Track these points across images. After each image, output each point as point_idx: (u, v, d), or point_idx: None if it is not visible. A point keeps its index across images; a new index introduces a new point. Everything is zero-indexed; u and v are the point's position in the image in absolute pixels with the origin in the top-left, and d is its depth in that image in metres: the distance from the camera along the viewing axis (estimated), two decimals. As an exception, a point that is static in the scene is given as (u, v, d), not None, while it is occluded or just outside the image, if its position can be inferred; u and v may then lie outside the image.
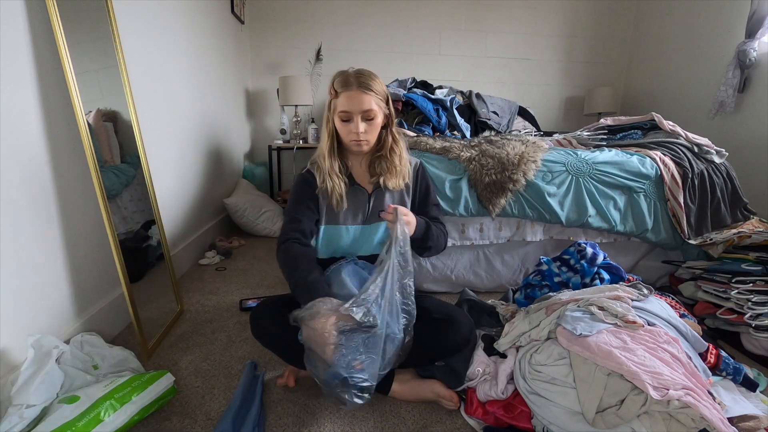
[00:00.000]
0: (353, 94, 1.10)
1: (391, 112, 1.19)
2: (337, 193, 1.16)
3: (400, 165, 1.21)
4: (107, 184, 1.27)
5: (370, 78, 1.12)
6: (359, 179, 1.23)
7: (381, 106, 1.14)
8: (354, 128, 1.12)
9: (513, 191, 1.69)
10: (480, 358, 1.15)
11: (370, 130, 1.14)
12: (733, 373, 1.14)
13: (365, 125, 1.12)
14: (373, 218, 1.22)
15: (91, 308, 1.35)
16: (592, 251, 1.40)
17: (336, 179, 1.16)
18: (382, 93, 1.15)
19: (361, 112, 1.11)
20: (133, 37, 1.59)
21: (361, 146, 1.15)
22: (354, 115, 1.11)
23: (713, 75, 2.84)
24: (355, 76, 1.11)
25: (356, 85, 1.10)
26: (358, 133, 1.12)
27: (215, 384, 1.20)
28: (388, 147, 1.20)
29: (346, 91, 1.10)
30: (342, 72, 1.14)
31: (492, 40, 3.62)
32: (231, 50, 2.93)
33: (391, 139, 1.20)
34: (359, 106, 1.10)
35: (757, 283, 1.39)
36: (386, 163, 1.20)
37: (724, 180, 1.86)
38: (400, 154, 1.21)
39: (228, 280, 2.00)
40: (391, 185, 1.20)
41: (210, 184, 2.52)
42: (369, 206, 1.22)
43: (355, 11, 3.42)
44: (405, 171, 1.23)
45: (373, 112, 1.12)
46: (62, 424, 0.89)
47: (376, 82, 1.13)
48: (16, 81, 1.06)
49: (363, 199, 1.22)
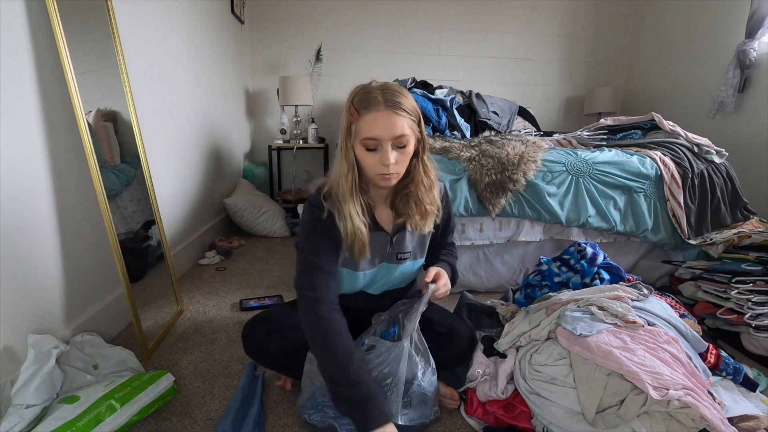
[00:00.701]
0: (382, 116, 0.87)
1: (423, 136, 0.96)
2: (360, 241, 0.95)
3: (431, 203, 1.00)
4: (107, 184, 1.27)
5: (400, 94, 0.90)
6: (381, 219, 1.03)
7: (414, 130, 0.92)
8: (384, 159, 0.89)
9: (513, 191, 1.69)
10: (480, 359, 1.15)
11: (402, 161, 0.92)
12: (733, 373, 1.14)
13: (396, 154, 0.90)
14: (390, 260, 1.06)
15: (91, 308, 1.35)
16: (592, 251, 1.40)
17: (359, 224, 0.94)
18: (415, 112, 0.92)
19: (392, 138, 0.88)
20: (133, 37, 1.59)
21: (390, 181, 0.93)
22: (384, 142, 0.88)
23: (713, 75, 2.83)
24: (381, 93, 0.88)
25: (384, 104, 0.87)
26: (389, 165, 0.89)
27: (215, 384, 1.20)
28: (418, 180, 0.98)
29: (372, 111, 0.87)
30: (363, 87, 0.92)
31: (492, 40, 3.62)
32: (231, 50, 2.93)
33: (422, 170, 0.98)
34: (391, 131, 0.88)
35: (757, 283, 1.39)
36: (415, 201, 0.99)
37: (724, 180, 1.86)
38: (430, 188, 1.00)
39: (228, 280, 2.00)
40: (418, 229, 1.02)
41: (210, 184, 2.52)
42: (389, 249, 1.05)
43: (355, 11, 3.42)
44: (435, 209, 1.02)
45: (406, 138, 0.89)
46: (62, 424, 0.89)
47: (408, 100, 0.91)
48: (16, 81, 1.06)
49: (383, 242, 1.03)
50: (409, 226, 1.03)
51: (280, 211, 2.92)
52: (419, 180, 0.98)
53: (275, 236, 2.80)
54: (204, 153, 2.42)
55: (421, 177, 0.98)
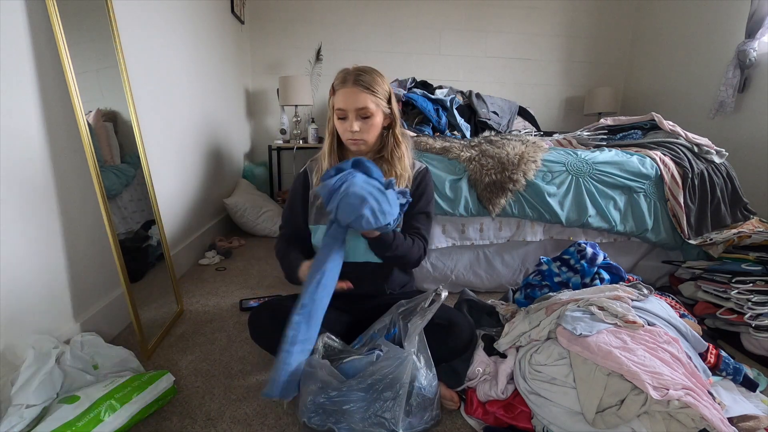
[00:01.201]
0: (348, 91, 1.08)
1: (393, 113, 1.16)
2: None
3: (401, 169, 1.17)
4: (107, 184, 1.27)
5: (369, 75, 1.10)
6: None
7: (380, 105, 1.11)
8: (349, 126, 1.10)
9: (513, 191, 1.69)
10: (480, 358, 1.15)
11: (366, 129, 1.11)
12: (733, 373, 1.14)
13: (360, 123, 1.10)
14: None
15: (91, 308, 1.35)
16: (592, 251, 1.40)
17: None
18: (383, 92, 1.12)
19: (355, 109, 1.09)
20: (133, 37, 1.59)
21: (357, 145, 1.13)
22: (348, 112, 1.09)
23: (713, 75, 2.83)
24: (354, 73, 1.09)
25: (353, 82, 1.08)
26: (352, 131, 1.10)
27: (215, 384, 1.20)
28: (389, 149, 1.17)
29: (343, 88, 1.09)
30: (344, 69, 1.12)
31: (492, 40, 3.62)
32: (231, 50, 2.93)
33: (393, 141, 1.17)
34: (354, 103, 1.08)
35: (757, 283, 1.39)
36: (387, 165, 1.16)
37: (724, 180, 1.86)
38: (401, 157, 1.18)
39: (228, 280, 2.00)
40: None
41: (210, 184, 2.52)
42: None
43: (355, 11, 3.42)
44: (406, 175, 1.19)
45: (368, 110, 1.09)
46: (62, 424, 0.89)
47: (376, 80, 1.10)
48: (16, 81, 1.06)
49: None
50: None
51: (280, 211, 2.92)
52: (391, 149, 1.17)
53: (275, 236, 2.79)
54: (204, 153, 2.42)
55: (392, 147, 1.17)
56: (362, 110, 1.09)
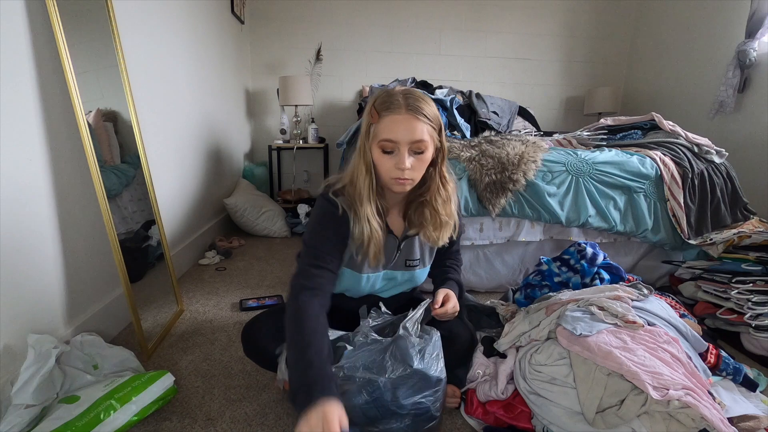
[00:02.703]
0: (402, 119, 0.87)
1: (443, 146, 0.95)
2: (375, 245, 0.94)
3: (446, 215, 0.98)
4: (107, 184, 1.27)
5: (422, 100, 0.90)
6: (392, 222, 1.02)
7: (434, 138, 0.92)
8: (400, 163, 0.88)
9: (513, 191, 1.69)
10: (479, 360, 1.15)
11: (418, 167, 0.91)
12: (733, 373, 1.14)
13: (413, 160, 0.90)
14: (398, 265, 1.06)
15: (91, 308, 1.35)
16: (592, 251, 1.40)
17: (376, 227, 0.93)
18: (436, 120, 0.92)
19: (410, 142, 0.88)
20: (133, 37, 1.59)
21: (404, 186, 0.92)
22: (401, 145, 0.88)
23: (713, 75, 2.83)
24: (404, 97, 0.90)
25: (406, 108, 0.88)
26: (404, 169, 0.88)
27: (215, 384, 1.20)
28: (434, 190, 0.97)
29: (393, 114, 0.88)
30: (387, 91, 0.93)
31: (492, 40, 3.62)
32: (231, 50, 2.93)
33: (439, 181, 0.97)
34: (409, 134, 0.87)
35: (757, 283, 1.39)
36: (429, 212, 0.98)
37: (724, 180, 1.86)
38: (447, 200, 0.98)
39: (228, 280, 2.00)
40: (431, 241, 1.00)
41: (210, 184, 2.52)
42: (396, 254, 1.04)
43: (355, 11, 3.42)
44: (451, 223, 1.01)
45: (424, 143, 0.89)
46: (62, 424, 0.89)
47: (430, 107, 0.91)
48: (16, 81, 1.06)
49: (391, 246, 1.03)
50: (422, 236, 1.01)
51: (280, 211, 2.92)
52: (435, 190, 0.97)
53: (275, 236, 2.80)
54: (204, 153, 2.42)
55: (437, 187, 0.97)
56: (418, 144, 0.89)
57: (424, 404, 0.92)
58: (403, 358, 0.91)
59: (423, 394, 0.92)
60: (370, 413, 0.90)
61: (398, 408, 0.90)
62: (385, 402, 0.89)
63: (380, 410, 0.90)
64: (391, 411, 0.90)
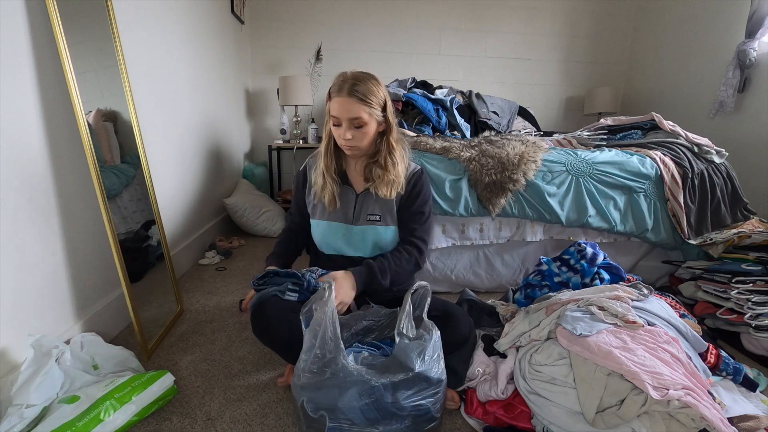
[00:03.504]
0: (342, 101, 1.09)
1: (388, 120, 1.17)
2: (329, 191, 1.19)
3: (394, 175, 1.19)
4: (107, 184, 1.27)
5: (365, 84, 1.10)
6: (353, 179, 1.25)
7: (374, 114, 1.13)
8: (342, 135, 1.13)
9: (513, 191, 1.69)
10: (480, 358, 1.15)
11: (359, 137, 1.13)
12: (733, 373, 1.14)
13: (353, 132, 1.12)
14: (361, 220, 1.21)
15: (91, 308, 1.35)
16: (592, 251, 1.40)
17: (329, 179, 1.19)
18: (378, 101, 1.12)
19: (348, 119, 1.10)
20: (133, 37, 1.59)
21: (351, 151, 1.17)
22: (342, 121, 1.11)
23: (713, 75, 2.83)
24: (350, 82, 1.09)
25: (347, 92, 1.09)
26: (346, 139, 1.12)
27: (215, 384, 1.20)
28: (382, 156, 1.19)
29: (338, 96, 1.10)
30: (341, 74, 1.13)
31: (492, 40, 3.62)
32: (231, 50, 2.93)
33: (386, 148, 1.19)
34: (347, 113, 1.10)
35: (757, 283, 1.39)
36: (379, 170, 1.19)
37: (724, 180, 1.86)
38: (395, 163, 1.19)
39: (228, 280, 2.00)
40: (381, 193, 1.19)
41: (210, 184, 2.52)
42: (355, 206, 1.22)
43: (355, 11, 3.42)
44: (399, 182, 1.20)
45: (361, 120, 1.10)
46: (62, 424, 0.89)
47: (371, 90, 1.11)
48: (16, 81, 1.06)
49: (351, 198, 1.23)
50: (371, 189, 1.20)
51: (280, 211, 2.92)
52: (384, 155, 1.18)
53: (275, 236, 2.79)
54: (204, 153, 2.42)
55: (385, 154, 1.18)
56: (355, 120, 1.11)
57: (425, 405, 0.92)
58: (404, 363, 0.90)
59: (423, 396, 0.92)
60: (370, 415, 0.89)
61: (398, 410, 0.90)
62: (385, 404, 0.89)
63: (380, 412, 0.90)
64: (391, 413, 0.90)
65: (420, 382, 0.91)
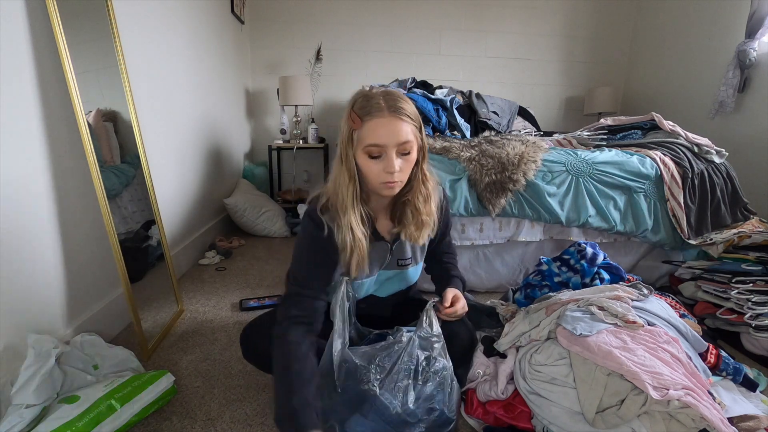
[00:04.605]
0: (388, 123, 0.85)
1: (424, 143, 0.94)
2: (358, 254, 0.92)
3: (426, 214, 0.97)
4: (107, 184, 1.27)
5: (402, 99, 0.88)
6: (381, 229, 1.01)
7: (417, 137, 0.90)
8: (388, 167, 0.86)
9: (513, 191, 1.69)
10: (480, 359, 1.15)
11: (406, 168, 0.90)
12: (733, 373, 1.14)
13: (401, 162, 0.88)
14: (390, 266, 1.06)
15: (91, 308, 1.35)
16: (592, 251, 1.40)
17: (360, 236, 0.91)
18: (417, 119, 0.90)
19: (397, 145, 0.86)
20: (133, 37, 1.59)
21: (393, 189, 0.90)
22: (388, 149, 0.86)
23: (713, 75, 2.83)
24: (384, 99, 0.87)
25: (388, 110, 0.85)
26: (394, 172, 0.86)
27: (215, 384, 1.20)
28: (416, 189, 0.95)
29: (376, 118, 0.85)
30: (364, 94, 0.89)
31: (492, 40, 3.62)
32: (231, 50, 2.93)
33: (421, 179, 0.96)
34: (395, 137, 0.85)
35: (757, 283, 1.39)
36: (411, 211, 0.96)
37: (724, 180, 1.86)
38: (427, 198, 0.97)
39: (228, 280, 2.00)
40: (412, 240, 1.00)
41: (210, 184, 2.52)
42: (388, 258, 1.04)
43: (355, 11, 3.41)
44: (431, 222, 1.00)
45: (410, 144, 0.87)
46: (62, 424, 0.89)
47: (410, 105, 0.89)
48: (16, 81, 1.06)
49: (383, 251, 1.03)
50: (402, 236, 1.00)
51: (280, 211, 2.92)
52: (417, 189, 0.96)
53: (275, 236, 2.80)
54: (204, 153, 2.42)
55: (419, 186, 0.96)
56: (404, 145, 0.87)
57: (436, 408, 0.92)
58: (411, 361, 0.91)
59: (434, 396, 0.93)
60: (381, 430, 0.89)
61: (408, 416, 0.89)
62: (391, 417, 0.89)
63: (390, 425, 0.89)
64: (402, 421, 0.89)
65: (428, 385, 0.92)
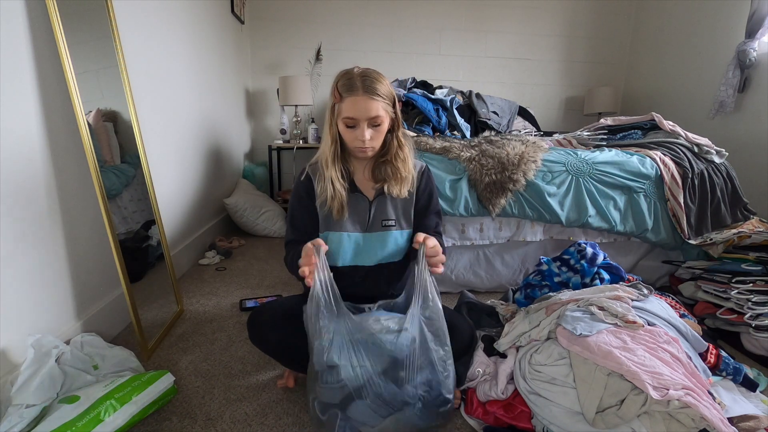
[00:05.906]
0: (359, 100, 1.02)
1: (397, 116, 1.12)
2: (338, 201, 1.10)
3: (405, 171, 1.14)
4: (107, 184, 1.27)
5: (377, 81, 1.04)
6: (361, 185, 1.17)
7: (388, 111, 1.07)
8: (360, 135, 1.05)
9: (513, 191, 1.69)
10: (480, 358, 1.15)
11: (377, 137, 1.08)
12: (733, 373, 1.14)
13: (372, 132, 1.06)
14: (375, 227, 1.15)
15: (91, 308, 1.35)
16: (592, 251, 1.40)
17: (339, 186, 1.10)
18: (389, 96, 1.07)
19: (367, 119, 1.04)
20: (133, 37, 1.59)
21: (366, 153, 1.10)
22: (360, 121, 1.04)
23: (713, 75, 2.83)
24: (361, 79, 1.03)
25: (362, 89, 1.02)
26: (364, 140, 1.05)
27: (215, 384, 1.20)
28: (393, 152, 1.13)
29: (352, 95, 1.03)
30: (346, 73, 1.06)
31: (492, 40, 3.62)
32: (231, 50, 2.93)
33: (397, 144, 1.14)
34: (366, 113, 1.03)
35: (757, 283, 1.39)
36: (391, 168, 1.14)
37: (724, 180, 1.86)
38: (405, 159, 1.14)
39: (228, 280, 2.00)
40: (394, 193, 1.14)
41: (210, 184, 2.52)
42: (370, 214, 1.15)
43: (355, 11, 3.42)
44: (410, 177, 1.16)
45: (380, 118, 1.05)
46: (62, 424, 0.89)
47: (383, 85, 1.05)
48: (16, 81, 1.06)
49: (364, 207, 1.15)
50: (386, 189, 1.14)
51: (280, 211, 2.92)
52: (394, 152, 1.14)
53: (275, 236, 2.80)
54: (204, 153, 2.42)
55: (395, 150, 1.14)
56: (374, 119, 1.04)
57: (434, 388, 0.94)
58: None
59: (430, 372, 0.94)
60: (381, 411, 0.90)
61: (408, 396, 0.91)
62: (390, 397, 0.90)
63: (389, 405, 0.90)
64: (401, 401, 0.91)
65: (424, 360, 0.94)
